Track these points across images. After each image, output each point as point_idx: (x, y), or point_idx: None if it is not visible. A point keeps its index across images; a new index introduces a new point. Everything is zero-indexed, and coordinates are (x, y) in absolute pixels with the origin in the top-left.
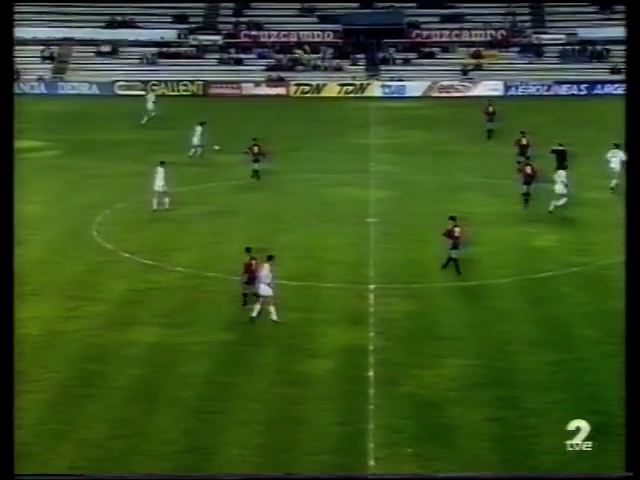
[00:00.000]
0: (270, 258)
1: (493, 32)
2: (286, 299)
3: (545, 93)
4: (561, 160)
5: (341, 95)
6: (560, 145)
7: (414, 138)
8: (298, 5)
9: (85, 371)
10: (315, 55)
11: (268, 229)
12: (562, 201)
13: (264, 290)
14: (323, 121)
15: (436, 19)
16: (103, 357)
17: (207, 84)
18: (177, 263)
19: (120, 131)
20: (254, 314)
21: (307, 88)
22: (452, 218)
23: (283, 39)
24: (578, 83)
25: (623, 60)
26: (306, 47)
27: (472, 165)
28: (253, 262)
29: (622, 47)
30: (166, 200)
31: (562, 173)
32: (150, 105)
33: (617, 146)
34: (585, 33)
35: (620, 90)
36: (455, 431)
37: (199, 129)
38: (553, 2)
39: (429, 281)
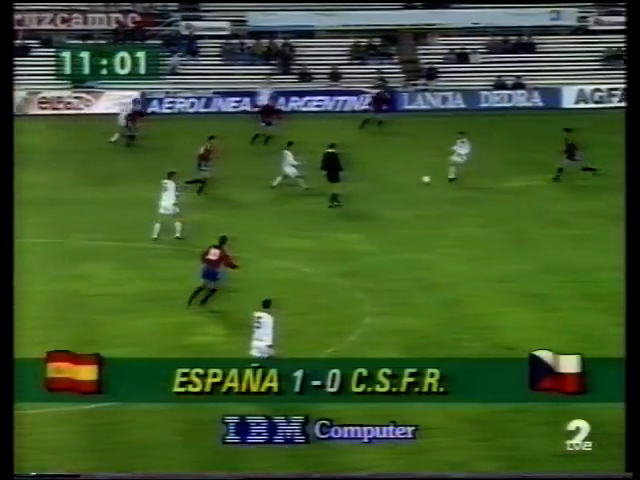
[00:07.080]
0: None
1: (120, 16)
2: None
3: (202, 110)
4: (332, 170)
5: None
6: (331, 147)
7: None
8: None
9: None
10: None
11: None
12: None
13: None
14: None
15: None
16: None
17: None
18: None
19: None
20: None
21: None
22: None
23: None
24: (250, 95)
25: (309, 63)
26: None
27: (95, 220)
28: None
29: (305, 41)
30: None
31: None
32: None
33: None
34: (258, 21)
35: (329, 104)
36: None
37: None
38: None
39: None
